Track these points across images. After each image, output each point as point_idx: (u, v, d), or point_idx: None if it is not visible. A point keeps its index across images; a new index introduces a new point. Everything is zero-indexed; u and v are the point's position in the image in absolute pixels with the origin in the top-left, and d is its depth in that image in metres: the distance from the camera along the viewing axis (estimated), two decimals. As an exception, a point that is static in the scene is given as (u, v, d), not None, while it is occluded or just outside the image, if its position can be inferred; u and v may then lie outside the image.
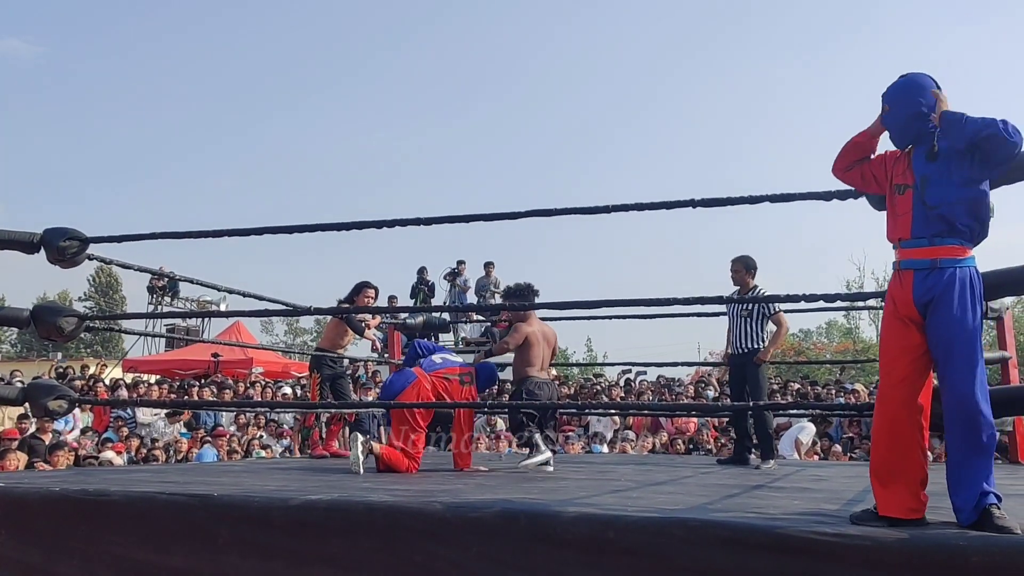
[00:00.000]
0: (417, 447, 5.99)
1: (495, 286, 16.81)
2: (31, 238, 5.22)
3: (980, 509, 2.95)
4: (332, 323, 8.08)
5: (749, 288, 6.82)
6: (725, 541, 3.00)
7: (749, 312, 6.76)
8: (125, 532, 3.89)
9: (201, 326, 22.74)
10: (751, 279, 6.85)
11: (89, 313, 6.21)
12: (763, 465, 6.56)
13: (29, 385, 5.63)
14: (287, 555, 3.58)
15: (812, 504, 3.82)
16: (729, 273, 6.90)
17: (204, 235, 5.40)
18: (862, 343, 32.32)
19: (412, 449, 5.95)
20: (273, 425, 11.65)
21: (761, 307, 6.73)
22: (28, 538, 4.10)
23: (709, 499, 4.00)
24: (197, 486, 4.38)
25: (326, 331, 8.25)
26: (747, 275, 6.83)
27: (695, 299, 4.66)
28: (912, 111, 3.24)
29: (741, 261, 6.85)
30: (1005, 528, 2.83)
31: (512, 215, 4.80)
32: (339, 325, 7.92)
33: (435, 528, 3.41)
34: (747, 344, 6.78)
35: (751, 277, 6.84)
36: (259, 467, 6.60)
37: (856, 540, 2.84)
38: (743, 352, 6.81)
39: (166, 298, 21.72)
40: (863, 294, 12.25)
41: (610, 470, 6.15)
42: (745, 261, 6.85)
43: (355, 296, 7.79)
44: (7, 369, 15.67)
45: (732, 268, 6.88)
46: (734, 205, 4.29)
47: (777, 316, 6.79)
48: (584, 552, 3.16)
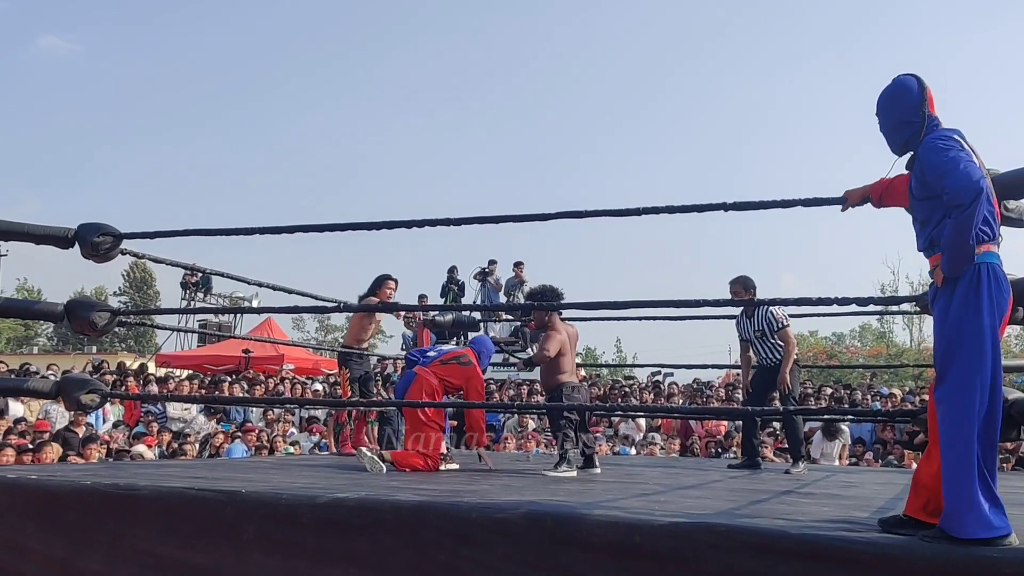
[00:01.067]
0: (433, 446, 6.02)
1: (524, 286, 16.79)
2: (65, 233, 5.28)
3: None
4: (354, 319, 8.09)
5: (755, 306, 6.83)
6: (752, 547, 2.97)
7: (761, 331, 6.85)
8: (151, 527, 3.92)
9: (233, 322, 22.96)
10: (750, 296, 6.87)
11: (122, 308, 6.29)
12: (793, 469, 6.53)
13: (62, 379, 5.71)
14: (312, 553, 3.60)
15: (842, 511, 3.78)
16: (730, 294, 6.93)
17: (235, 232, 5.43)
18: (895, 347, 31.98)
19: (426, 449, 5.98)
20: (303, 421, 11.72)
21: (768, 325, 6.80)
22: (54, 531, 4.14)
23: (737, 504, 3.97)
24: (226, 482, 4.41)
25: (350, 327, 8.26)
26: (747, 295, 6.87)
27: (726, 301, 4.63)
28: (896, 119, 3.23)
29: (740, 282, 6.92)
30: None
31: (542, 216, 4.79)
32: (361, 320, 7.92)
33: (461, 528, 3.41)
34: (773, 357, 6.84)
35: (751, 295, 6.87)
36: (288, 463, 6.64)
37: (886, 550, 2.81)
38: (772, 364, 6.85)
39: (199, 294, 21.93)
40: (896, 298, 12.10)
41: (637, 472, 6.13)
42: (743, 281, 6.91)
43: (376, 290, 7.78)
44: (43, 362, 15.93)
45: (731, 289, 6.95)
46: (767, 209, 4.25)
47: (784, 332, 6.84)
48: (610, 556, 3.15)
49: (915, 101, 3.19)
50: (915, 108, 3.18)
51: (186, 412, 11.66)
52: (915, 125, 3.18)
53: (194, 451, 9.97)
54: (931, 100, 3.19)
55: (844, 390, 13.14)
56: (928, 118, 3.17)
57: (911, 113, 3.19)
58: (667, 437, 11.23)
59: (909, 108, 3.19)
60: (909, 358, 25.51)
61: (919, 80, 3.22)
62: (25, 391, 5.93)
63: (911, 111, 3.19)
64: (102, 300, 41.26)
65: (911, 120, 3.19)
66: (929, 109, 3.17)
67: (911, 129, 3.19)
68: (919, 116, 3.17)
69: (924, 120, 3.16)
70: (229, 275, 6.75)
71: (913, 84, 3.22)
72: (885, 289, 31.82)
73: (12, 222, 5.34)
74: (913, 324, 31.86)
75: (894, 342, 33.48)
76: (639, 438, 11.26)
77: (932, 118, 3.17)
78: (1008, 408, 3.42)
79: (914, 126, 3.18)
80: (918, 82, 3.21)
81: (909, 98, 3.20)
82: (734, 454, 10.51)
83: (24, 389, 5.90)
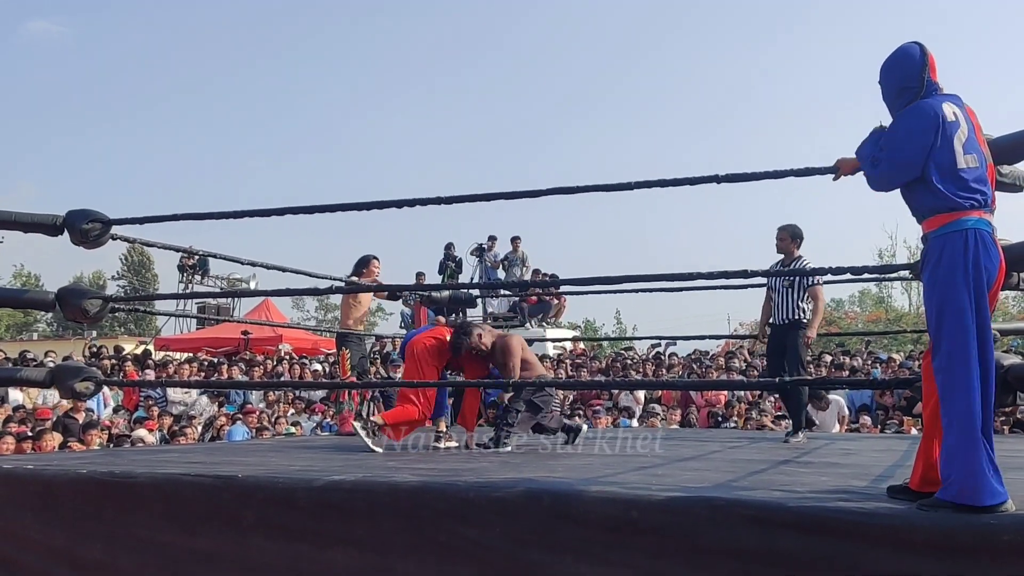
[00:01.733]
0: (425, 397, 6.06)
1: (523, 260, 16.79)
2: (54, 221, 5.23)
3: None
4: (343, 302, 8.07)
5: (794, 258, 6.69)
6: (751, 520, 2.97)
7: (791, 283, 6.67)
8: (150, 514, 3.91)
9: (232, 304, 22.91)
10: (796, 248, 6.71)
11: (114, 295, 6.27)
12: (791, 439, 6.51)
13: (56, 367, 5.68)
14: (311, 537, 3.59)
15: (840, 480, 3.78)
16: (775, 241, 6.79)
17: (227, 215, 5.39)
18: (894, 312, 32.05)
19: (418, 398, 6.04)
20: (300, 403, 11.73)
21: (802, 278, 6.61)
22: (53, 520, 4.13)
23: (735, 476, 3.97)
24: (223, 467, 4.41)
25: (341, 310, 8.23)
26: (792, 244, 6.70)
27: (719, 273, 4.59)
28: (897, 86, 3.23)
29: (787, 230, 6.74)
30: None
31: (534, 193, 4.74)
32: (347, 301, 7.91)
33: (459, 508, 3.41)
34: (789, 315, 6.67)
35: (796, 247, 6.71)
36: (287, 445, 6.64)
37: (882, 519, 2.80)
38: (785, 323, 6.70)
39: (196, 277, 21.90)
40: (891, 266, 12.09)
41: (635, 445, 6.12)
42: (791, 230, 6.73)
43: (363, 269, 7.78)
44: (42, 348, 15.91)
45: (778, 236, 6.77)
46: (759, 180, 4.22)
47: (814, 289, 6.67)
48: (608, 532, 3.15)
49: (916, 67, 3.18)
50: (915, 74, 3.17)
51: (187, 395, 11.66)
52: (913, 91, 3.16)
53: (195, 434, 9.97)
54: (933, 66, 3.18)
55: (843, 356, 13.14)
56: (928, 83, 3.15)
57: (911, 79, 3.18)
58: (667, 408, 11.23)
59: (910, 74, 3.18)
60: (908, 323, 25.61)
61: (921, 47, 3.21)
62: (19, 380, 5.92)
63: (911, 77, 3.18)
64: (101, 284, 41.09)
65: (909, 86, 3.18)
66: (930, 76, 3.16)
67: (909, 94, 3.18)
68: (918, 82, 3.16)
69: (923, 85, 3.15)
70: (225, 256, 6.71)
71: (915, 51, 3.21)
72: (883, 254, 31.91)
73: (1, 211, 5.30)
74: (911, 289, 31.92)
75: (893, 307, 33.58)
76: (639, 410, 11.27)
77: (932, 84, 3.16)
78: (1003, 374, 3.41)
79: (912, 91, 3.17)
80: (920, 49, 3.21)
81: (910, 64, 3.19)
82: (735, 423, 10.54)
83: (18, 379, 5.89)
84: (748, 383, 9.86)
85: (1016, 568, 2.60)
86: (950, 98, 3.14)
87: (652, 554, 3.07)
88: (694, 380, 11.91)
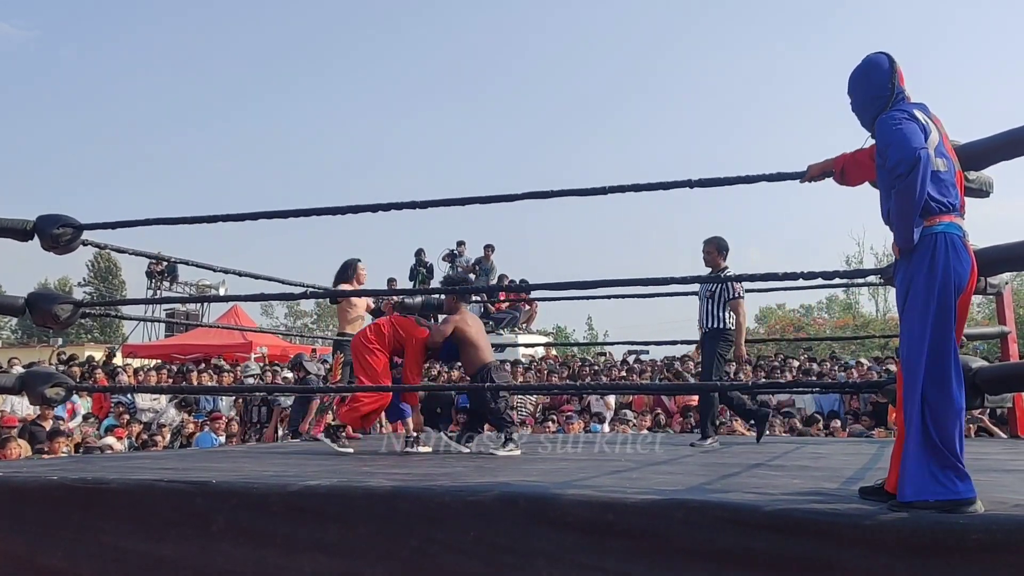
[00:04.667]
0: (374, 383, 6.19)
1: (494, 270, 16.82)
2: (24, 225, 5.18)
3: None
4: (339, 307, 8.01)
5: (720, 269, 6.94)
6: (725, 522, 2.98)
7: (712, 293, 6.92)
8: (119, 521, 3.84)
9: (201, 310, 22.75)
10: (722, 260, 6.96)
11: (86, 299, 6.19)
12: (699, 442, 6.71)
13: (26, 373, 5.60)
14: (281, 542, 3.55)
15: (812, 483, 3.81)
16: (701, 254, 7.02)
17: (198, 220, 5.35)
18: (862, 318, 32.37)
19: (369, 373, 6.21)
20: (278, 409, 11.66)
21: (723, 289, 6.86)
22: (15, 528, 4.04)
23: (708, 479, 3.99)
24: (196, 472, 4.37)
25: (339, 315, 8.16)
26: (719, 256, 6.95)
27: (693, 278, 4.64)
28: (866, 95, 3.28)
29: (713, 243, 6.97)
30: None
31: (509, 197, 4.75)
32: (341, 307, 7.88)
33: (433, 512, 3.39)
34: (710, 324, 6.93)
35: (723, 259, 6.96)
36: (259, 451, 6.59)
37: (855, 519, 2.83)
38: (707, 331, 6.97)
39: (165, 283, 21.70)
40: (861, 271, 12.27)
41: (609, 450, 6.15)
42: (717, 242, 6.97)
43: (352, 275, 7.72)
44: (6, 356, 15.67)
45: (704, 249, 7.00)
46: (732, 185, 4.26)
47: (735, 303, 6.90)
48: (583, 535, 3.15)
49: (884, 76, 3.24)
50: (884, 83, 3.23)
51: (155, 402, 11.55)
52: (883, 99, 3.21)
53: (165, 442, 9.88)
54: (901, 75, 3.25)
55: (810, 362, 13.27)
56: (896, 91, 3.21)
57: (880, 88, 3.23)
58: (638, 414, 11.28)
59: (879, 84, 3.24)
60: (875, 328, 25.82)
61: (889, 57, 3.27)
62: (-13, 387, 5.82)
63: (880, 86, 3.23)
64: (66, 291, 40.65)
65: (880, 95, 3.23)
66: (899, 84, 3.22)
67: (880, 103, 3.23)
68: (887, 91, 3.21)
69: (892, 94, 3.20)
70: (194, 263, 6.67)
71: (883, 60, 3.27)
72: (851, 261, 32.20)
73: (-32, 215, 5.24)
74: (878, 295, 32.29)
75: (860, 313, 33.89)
76: (609, 416, 11.31)
77: (900, 91, 3.22)
78: (972, 377, 3.46)
79: (882, 100, 3.22)
80: (888, 59, 3.27)
81: (878, 74, 3.25)
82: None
83: (-14, 385, 5.79)
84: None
85: (985, 566, 2.64)
86: (918, 106, 3.20)
87: (628, 557, 3.07)
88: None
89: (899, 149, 3.00)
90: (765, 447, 6.51)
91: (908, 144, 2.98)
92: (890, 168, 3.02)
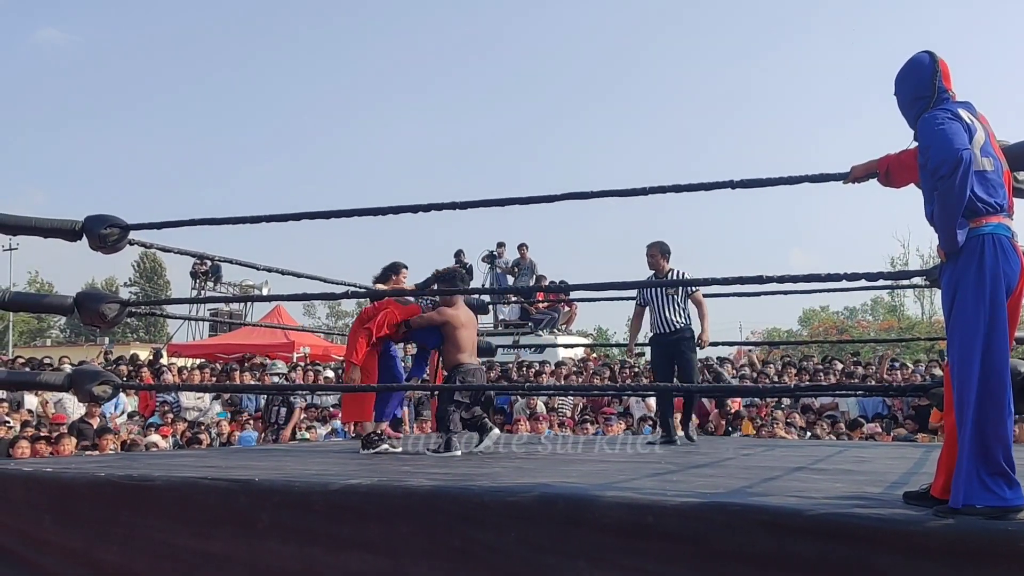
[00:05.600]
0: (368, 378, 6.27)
1: (532, 268, 16.71)
2: (73, 226, 5.28)
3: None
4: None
5: (665, 271, 7.08)
6: (765, 526, 2.97)
7: (668, 293, 7.02)
8: (167, 517, 3.94)
9: (244, 310, 22.98)
10: (666, 263, 7.09)
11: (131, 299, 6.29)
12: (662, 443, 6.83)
13: (74, 371, 5.73)
14: (326, 540, 3.61)
15: (855, 487, 3.77)
16: (646, 258, 7.15)
17: (242, 221, 5.43)
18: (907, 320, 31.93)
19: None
20: (315, 410, 11.74)
21: (683, 288, 6.98)
22: (71, 523, 4.16)
23: (750, 482, 3.96)
24: (239, 471, 4.43)
25: None
26: (663, 259, 7.08)
27: (734, 279, 4.61)
28: (910, 95, 3.25)
29: (657, 247, 7.10)
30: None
31: (548, 198, 4.76)
32: None
33: (473, 512, 3.42)
34: (674, 324, 7.00)
35: (667, 261, 7.09)
36: (301, 450, 6.66)
37: (899, 525, 2.80)
38: (669, 331, 6.99)
39: (209, 283, 21.93)
40: (905, 272, 12.06)
41: (649, 452, 6.13)
42: (660, 246, 7.09)
43: (395, 275, 7.75)
44: (57, 354, 15.94)
45: (648, 253, 7.12)
46: (773, 186, 4.23)
47: (696, 296, 7.05)
48: (623, 537, 3.15)
49: (926, 75, 3.21)
50: (927, 83, 3.19)
51: (199, 401, 11.71)
52: (926, 99, 3.18)
53: (208, 439, 10.01)
54: (944, 74, 3.21)
55: (854, 366, 13.07)
56: (939, 91, 3.17)
57: (923, 88, 3.20)
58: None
59: (921, 83, 3.22)
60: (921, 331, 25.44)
61: (931, 55, 3.24)
62: (38, 384, 5.96)
63: (922, 86, 3.20)
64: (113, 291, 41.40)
65: (922, 95, 3.19)
66: (943, 83, 3.18)
67: (923, 103, 3.19)
68: (930, 90, 3.17)
69: (935, 93, 3.16)
70: (238, 261, 6.74)
71: (925, 59, 3.24)
72: (896, 262, 31.81)
73: (20, 216, 5.36)
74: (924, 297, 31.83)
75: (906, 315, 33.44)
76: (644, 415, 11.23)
77: (943, 91, 3.18)
78: (1021, 381, 3.40)
79: (925, 100, 3.18)
80: (931, 57, 3.24)
81: (920, 73, 3.23)
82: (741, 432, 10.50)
83: (37, 382, 5.92)
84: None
85: (1033, 574, 2.60)
86: (963, 105, 3.16)
87: (666, 559, 3.07)
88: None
89: (941, 150, 2.96)
90: (807, 450, 6.44)
91: (950, 144, 2.94)
92: (932, 169, 2.99)
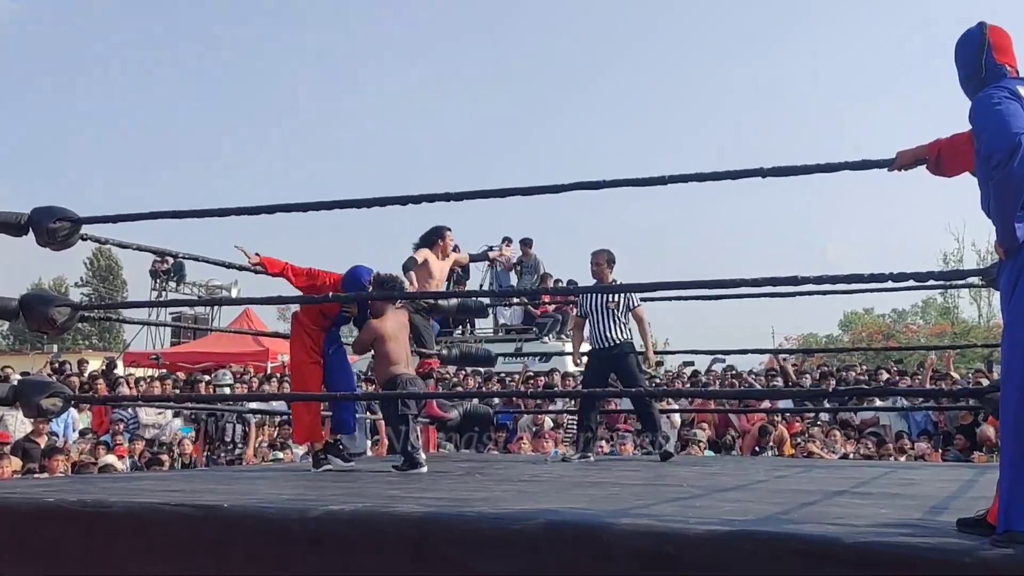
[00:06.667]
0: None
1: (535, 267, 16.45)
2: (18, 219, 5.28)
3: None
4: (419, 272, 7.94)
5: (609, 281, 7.49)
6: (800, 555, 2.97)
7: (617, 305, 7.32)
8: (128, 548, 3.94)
9: (211, 314, 22.89)
10: (611, 272, 7.51)
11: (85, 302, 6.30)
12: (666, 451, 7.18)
13: (20, 382, 5.72)
14: (306, 572, 3.62)
15: (903, 512, 3.78)
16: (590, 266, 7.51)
17: (208, 214, 5.44)
18: (963, 324, 31.80)
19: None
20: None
21: (626, 299, 7.31)
22: (18, 556, 4.15)
23: (783, 507, 3.97)
24: (206, 495, 4.44)
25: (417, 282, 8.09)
26: (607, 268, 7.49)
27: (766, 280, 4.61)
28: (963, 75, 3.26)
29: (603, 255, 7.49)
30: None
31: (554, 188, 4.77)
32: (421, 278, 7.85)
33: (472, 541, 3.42)
34: (614, 339, 7.31)
35: (611, 271, 7.51)
36: (275, 472, 6.67)
37: (952, 555, 2.80)
38: (608, 346, 7.32)
39: (171, 283, 21.82)
40: (959, 272, 11.97)
41: (669, 473, 6.13)
42: (607, 255, 7.49)
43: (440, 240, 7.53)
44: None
45: (593, 261, 7.50)
46: (808, 174, 4.23)
47: (637, 311, 7.47)
48: (640, 568, 3.15)
49: (974, 51, 3.19)
50: (973, 59, 3.19)
51: (160, 417, 11.65)
52: (976, 77, 3.17)
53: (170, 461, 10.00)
54: (999, 47, 3.18)
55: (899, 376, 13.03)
56: (991, 68, 3.15)
57: (971, 65, 3.19)
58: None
59: (969, 60, 3.21)
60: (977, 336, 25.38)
61: (981, 27, 3.22)
62: (-24, 398, 5.95)
63: (971, 64, 3.20)
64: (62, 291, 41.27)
65: (972, 73, 3.19)
66: (993, 58, 3.16)
67: (975, 82, 3.18)
68: (978, 68, 3.17)
69: (984, 71, 3.15)
70: (204, 259, 6.75)
71: (973, 34, 3.24)
72: (949, 259, 31.75)
73: (-43, 209, 5.37)
74: (981, 298, 31.74)
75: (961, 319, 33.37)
76: (674, 435, 11.21)
77: (997, 67, 3.16)
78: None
79: (977, 78, 3.17)
80: (980, 30, 3.22)
81: (969, 49, 3.22)
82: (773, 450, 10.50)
83: (-24, 396, 5.92)
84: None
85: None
86: (1018, 82, 3.13)
87: (689, 594, 3.08)
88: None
89: (995, 134, 2.93)
90: (849, 471, 6.45)
91: (1006, 128, 2.91)
92: (985, 156, 2.97)
